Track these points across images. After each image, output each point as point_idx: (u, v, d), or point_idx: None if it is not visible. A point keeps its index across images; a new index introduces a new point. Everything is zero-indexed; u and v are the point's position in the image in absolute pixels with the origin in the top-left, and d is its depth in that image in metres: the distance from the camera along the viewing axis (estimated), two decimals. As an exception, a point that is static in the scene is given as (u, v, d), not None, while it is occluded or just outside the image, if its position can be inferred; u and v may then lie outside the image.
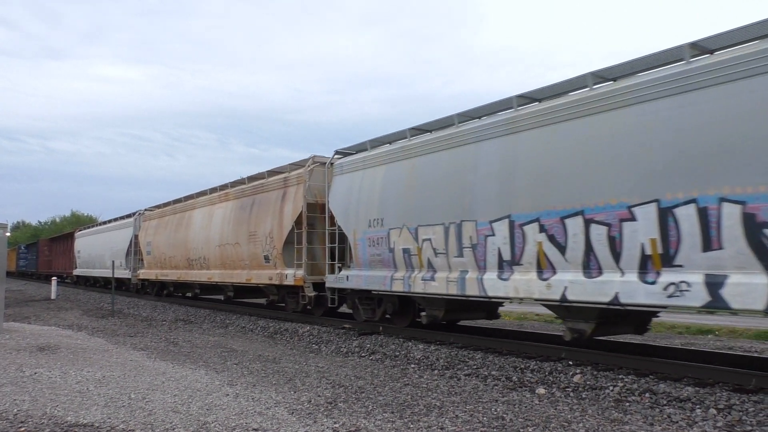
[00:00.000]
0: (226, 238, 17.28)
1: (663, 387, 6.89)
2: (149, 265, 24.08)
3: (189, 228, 20.06)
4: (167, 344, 11.52)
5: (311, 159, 14.23)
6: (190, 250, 19.73)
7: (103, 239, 30.69)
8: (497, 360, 8.90)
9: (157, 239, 23.05)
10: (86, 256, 34.35)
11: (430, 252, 10.22)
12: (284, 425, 5.60)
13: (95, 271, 32.86)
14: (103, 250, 30.26)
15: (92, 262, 33.06)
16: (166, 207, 23.30)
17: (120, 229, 28.32)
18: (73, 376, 7.92)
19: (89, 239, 34.09)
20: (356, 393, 7.07)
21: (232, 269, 17.13)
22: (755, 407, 6.04)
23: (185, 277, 20.44)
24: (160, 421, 5.72)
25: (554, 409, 6.36)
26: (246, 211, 16.38)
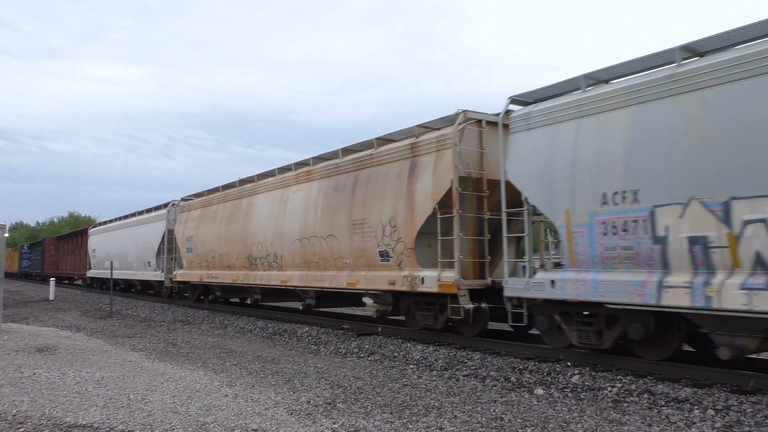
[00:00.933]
0: (310, 229, 13.45)
1: (661, 388, 6.91)
2: (191, 264, 19.91)
3: (249, 218, 16.14)
4: (166, 345, 11.51)
5: (462, 114, 10.20)
6: (251, 246, 15.90)
7: (126, 236, 26.96)
8: (496, 361, 8.92)
9: (201, 233, 19.00)
10: (103, 255, 30.37)
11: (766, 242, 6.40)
12: (283, 426, 5.61)
13: (116, 273, 28.71)
14: (126, 248, 26.68)
15: (110, 263, 29.99)
16: (213, 194, 19.24)
17: (148, 224, 24.32)
18: (71, 377, 7.93)
19: (107, 236, 30.28)
20: (355, 393, 7.08)
21: (321, 270, 13.23)
22: (753, 408, 6.05)
23: (245, 279, 16.44)
24: (159, 422, 5.73)
25: (552, 409, 6.37)
26: (344, 193, 12.53)
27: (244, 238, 16.36)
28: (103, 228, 31.66)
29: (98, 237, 32.02)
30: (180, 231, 20.97)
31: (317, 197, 13.46)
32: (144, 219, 25.22)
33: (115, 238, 28.78)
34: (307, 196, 13.90)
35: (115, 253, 28.09)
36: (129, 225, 27.03)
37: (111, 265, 23.16)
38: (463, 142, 10.10)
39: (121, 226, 28.28)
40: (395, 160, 11.38)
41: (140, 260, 24.83)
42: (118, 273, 27.74)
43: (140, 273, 25.15)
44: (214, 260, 18.19)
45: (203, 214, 19.33)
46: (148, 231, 24.21)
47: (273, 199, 15.30)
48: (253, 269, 16.07)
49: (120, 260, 27.23)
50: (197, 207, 20.04)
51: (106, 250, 29.94)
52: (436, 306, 10.72)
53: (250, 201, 16.51)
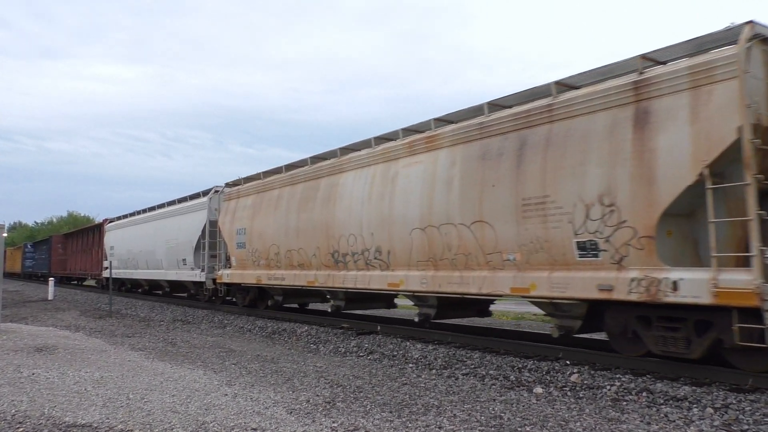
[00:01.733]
0: (439, 214, 9.97)
1: (660, 386, 6.92)
2: (243, 262, 16.41)
3: (332, 204, 12.74)
4: (165, 344, 11.51)
5: (749, 27, 6.77)
6: (337, 240, 12.51)
7: (154, 230, 23.32)
8: (495, 359, 8.92)
9: (258, 225, 15.54)
10: (124, 253, 26.92)
11: None
12: (283, 425, 5.61)
13: (140, 273, 25.31)
14: (153, 245, 23.09)
15: (134, 260, 25.66)
16: (272, 176, 15.84)
17: (184, 215, 20.77)
18: (71, 377, 7.92)
19: (129, 231, 26.58)
20: (354, 392, 7.09)
21: (459, 270, 9.68)
22: (752, 406, 6.06)
23: (327, 281, 12.84)
24: (159, 421, 5.73)
25: (552, 408, 6.38)
26: (501, 163, 9.07)
27: (325, 228, 12.84)
28: (124, 222, 27.87)
29: (117, 233, 28.39)
30: (227, 222, 17.28)
31: (449, 171, 9.86)
32: (178, 210, 21.48)
33: (138, 234, 25.20)
34: (430, 170, 10.30)
35: (139, 249, 24.84)
36: (157, 217, 23.35)
37: (110, 264, 22.98)
38: (750, 70, 6.66)
39: (146, 219, 24.68)
40: (599, 110, 7.95)
41: (172, 258, 21.25)
42: (142, 273, 24.88)
43: (172, 273, 21.61)
44: (278, 257, 14.66)
45: (260, 201, 15.81)
46: (184, 224, 20.48)
47: (370, 178, 11.76)
48: (339, 268, 12.50)
49: (146, 258, 24.16)
50: (250, 193, 16.46)
51: (128, 246, 26.40)
52: (688, 324, 7.22)
53: (333, 182, 12.90)
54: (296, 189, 14.35)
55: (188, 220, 20.28)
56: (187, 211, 20.64)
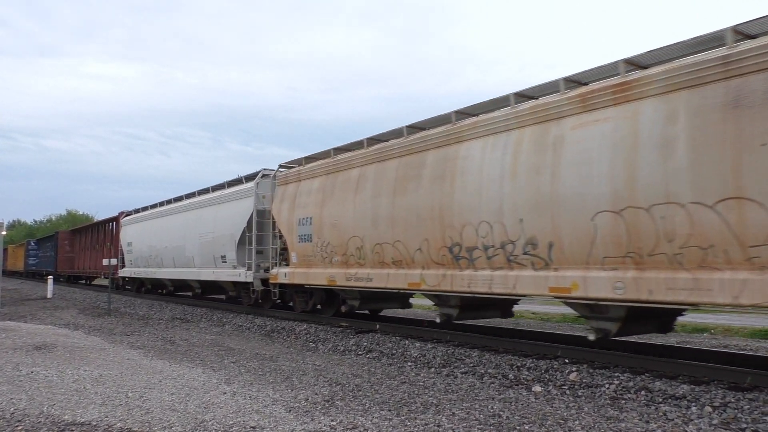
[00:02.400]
0: (648, 190, 7.17)
1: (659, 385, 6.93)
2: (306, 259, 13.58)
3: (448, 183, 9.76)
4: (164, 343, 11.51)
5: None
6: (460, 229, 9.53)
7: (183, 223, 20.12)
8: (493, 358, 8.93)
9: (329, 213, 12.69)
10: (144, 249, 23.71)
11: None
12: (282, 423, 5.61)
13: (164, 272, 22.02)
14: (184, 240, 19.86)
15: (157, 257, 22.41)
16: (348, 152, 12.81)
17: (223, 204, 17.61)
18: (69, 375, 7.92)
19: (151, 225, 23.30)
20: (353, 391, 7.09)
21: (692, 269, 6.80)
22: (750, 405, 6.07)
23: (441, 283, 9.93)
24: (158, 420, 5.73)
25: (550, 406, 6.39)
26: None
27: (437, 215, 9.89)
28: (145, 215, 24.52)
29: (136, 227, 25.00)
30: (284, 211, 14.51)
31: (665, 129, 7.04)
32: (214, 198, 18.39)
33: (163, 227, 21.91)
34: (625, 129, 7.45)
35: (164, 245, 21.59)
36: (188, 208, 20.17)
37: (109, 262, 21.71)
38: None
39: (173, 211, 21.49)
40: None
41: (207, 254, 18.16)
42: (167, 272, 21.66)
43: (206, 272, 18.35)
44: (360, 253, 11.76)
45: (331, 183, 12.89)
46: (223, 214, 17.37)
47: (512, 146, 8.81)
48: (461, 267, 9.57)
49: (172, 255, 20.92)
50: (317, 174, 13.58)
51: (149, 242, 23.21)
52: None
53: (447, 155, 9.90)
54: (387, 167, 11.26)
55: (228, 211, 17.00)
56: (227, 199, 17.37)
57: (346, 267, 12.27)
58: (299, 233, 13.75)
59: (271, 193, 15.46)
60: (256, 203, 15.69)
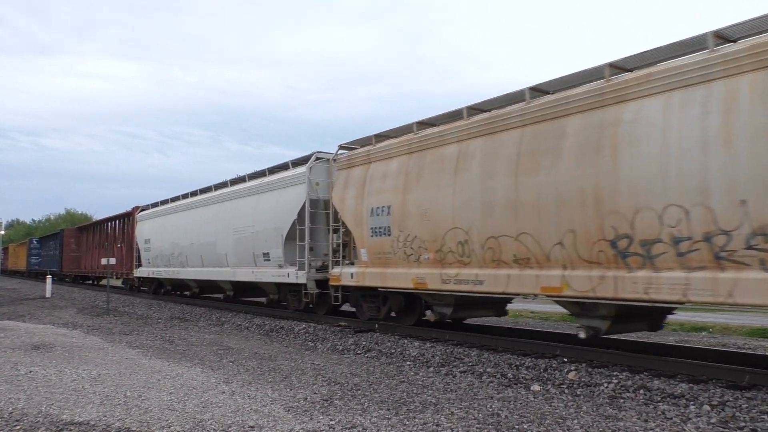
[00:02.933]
0: None
1: (657, 384, 6.93)
2: (381, 257, 11.39)
3: (607, 156, 7.60)
4: (163, 342, 11.51)
5: None
6: (631, 217, 7.33)
7: (214, 216, 17.65)
8: (492, 357, 8.93)
9: (415, 199, 10.56)
10: (165, 247, 21.12)
11: None
12: (280, 422, 5.61)
13: (189, 272, 19.44)
14: (215, 235, 17.39)
15: (180, 256, 19.86)
16: (440, 126, 10.70)
17: (266, 193, 15.27)
18: (68, 375, 7.92)
19: (174, 220, 20.68)
20: (352, 390, 7.09)
21: None
22: (749, 403, 6.08)
23: (599, 288, 7.69)
24: (156, 419, 5.72)
25: (549, 405, 6.39)
26: None
27: (591, 199, 7.73)
28: (166, 209, 21.88)
29: (155, 222, 22.49)
30: (348, 199, 12.26)
31: None
32: (254, 188, 15.91)
33: (189, 222, 19.39)
34: None
35: (190, 242, 19.06)
36: (220, 199, 17.71)
37: (108, 262, 20.70)
38: None
39: (200, 203, 18.91)
40: None
41: (245, 252, 15.74)
42: (193, 272, 19.17)
43: (244, 272, 15.90)
44: (464, 249, 9.62)
45: (416, 164, 10.71)
46: (266, 205, 15.07)
47: (721, 101, 6.64)
48: (632, 266, 7.37)
49: (199, 253, 18.44)
50: (394, 154, 11.41)
51: (172, 239, 20.54)
52: None
53: (606, 119, 7.70)
54: (503, 140, 9.08)
55: (273, 201, 14.80)
56: (271, 188, 15.09)
57: (441, 266, 10.07)
58: (371, 225, 11.49)
59: (326, 179, 13.45)
60: (309, 191, 13.41)
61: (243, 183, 17.07)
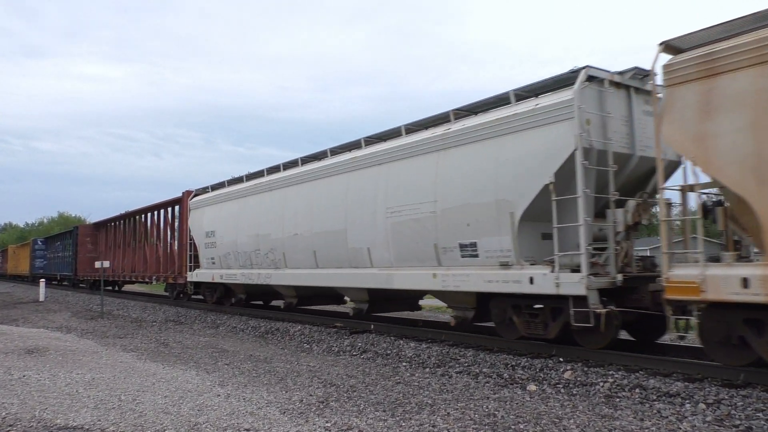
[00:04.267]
0: None
1: (653, 382, 6.94)
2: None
3: None
4: (158, 345, 11.46)
5: None
6: None
7: (332, 195, 12.43)
8: (488, 357, 8.93)
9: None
10: (243, 242, 15.44)
11: None
12: (276, 425, 5.59)
13: (289, 276, 13.83)
14: (339, 221, 12.11)
15: (270, 254, 14.42)
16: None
17: (456, 148, 9.78)
18: (62, 379, 7.86)
19: (256, 203, 15.19)
20: (348, 392, 7.07)
21: None
22: (744, 402, 6.09)
23: None
24: (151, 423, 5.69)
25: (545, 405, 6.39)
26: None
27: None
28: (241, 190, 16.01)
29: (223, 209, 16.78)
30: (709, 137, 6.77)
31: None
32: (429, 142, 10.37)
33: (288, 205, 13.77)
34: None
35: (293, 233, 13.43)
36: (350, 167, 12.04)
37: (102, 265, 20.12)
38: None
39: (310, 176, 13.19)
40: None
41: (415, 243, 10.41)
42: (301, 276, 13.31)
43: (415, 275, 10.43)
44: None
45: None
46: (468, 166, 9.60)
47: None
48: None
49: (312, 248, 12.84)
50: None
51: (256, 229, 14.86)
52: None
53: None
54: None
55: (486, 157, 9.28)
56: (479, 136, 9.44)
57: None
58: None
59: (599, 112, 8.31)
60: (580, 132, 7.98)
61: (397, 138, 11.15)
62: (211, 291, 18.52)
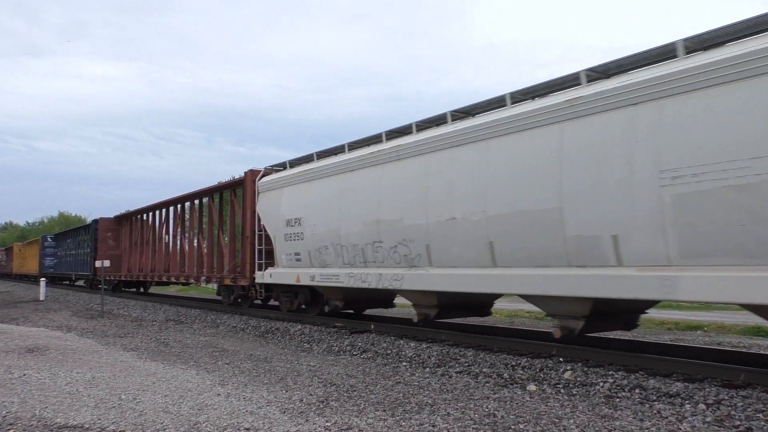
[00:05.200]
0: None
1: (653, 383, 6.94)
2: None
3: None
4: (158, 344, 11.46)
5: None
6: None
7: (534, 156, 8.17)
8: (488, 357, 8.93)
9: None
10: (350, 230, 11.72)
11: None
12: (276, 424, 5.59)
13: (429, 278, 9.94)
14: (541, 197, 8.05)
15: (401, 248, 10.45)
16: None
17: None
18: (62, 378, 7.87)
19: (373, 177, 11.24)
20: (348, 391, 7.07)
21: None
22: (744, 402, 6.09)
23: None
24: (151, 422, 5.69)
25: (545, 405, 6.39)
26: None
27: None
28: (341, 163, 12.28)
29: (312, 189, 13.11)
30: None
31: None
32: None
33: (435, 178, 9.82)
34: None
35: (445, 217, 9.55)
36: (576, 111, 7.67)
37: (102, 264, 19.97)
38: None
39: (477, 135, 9.14)
40: None
41: (722, 233, 6.30)
42: (453, 276, 9.55)
43: (708, 280, 6.38)
44: None
45: None
46: None
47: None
48: None
49: (498, 240, 8.72)
50: None
51: (382, 214, 10.95)
52: None
53: None
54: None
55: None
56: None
57: None
58: None
59: None
60: None
61: (673, 61, 6.93)
62: (289, 296, 14.59)
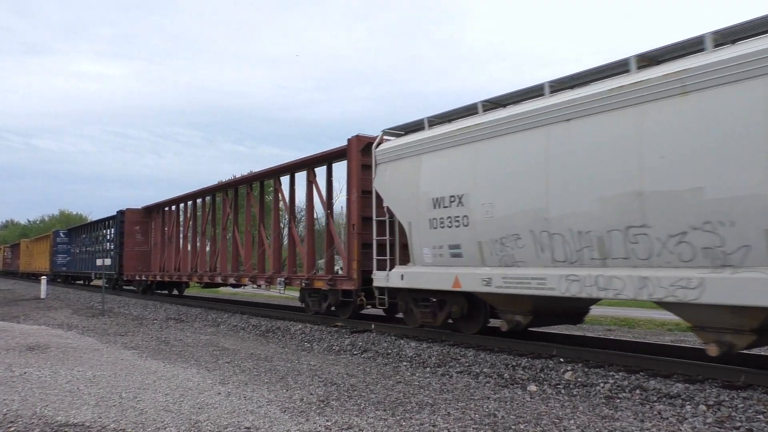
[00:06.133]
0: None
1: (653, 384, 6.94)
2: None
3: None
4: (158, 343, 11.47)
5: None
6: None
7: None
8: (489, 357, 8.93)
9: None
10: (562, 213, 7.92)
11: None
12: (276, 423, 5.59)
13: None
14: None
15: (697, 239, 6.59)
16: None
17: None
18: (63, 376, 7.88)
19: (612, 125, 7.31)
20: (348, 391, 7.07)
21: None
22: (744, 403, 6.09)
23: None
24: (152, 420, 5.70)
25: (546, 406, 6.39)
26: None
27: None
28: (543, 110, 8.18)
29: (487, 152, 9.09)
30: None
31: None
32: None
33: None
34: None
35: None
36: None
37: (104, 263, 21.24)
38: None
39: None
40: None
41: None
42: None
43: None
44: None
45: None
46: None
47: None
48: None
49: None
50: None
51: (646, 183, 6.92)
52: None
53: None
54: None
55: None
56: None
57: None
58: None
59: None
60: None
61: None
62: (430, 306, 10.80)
